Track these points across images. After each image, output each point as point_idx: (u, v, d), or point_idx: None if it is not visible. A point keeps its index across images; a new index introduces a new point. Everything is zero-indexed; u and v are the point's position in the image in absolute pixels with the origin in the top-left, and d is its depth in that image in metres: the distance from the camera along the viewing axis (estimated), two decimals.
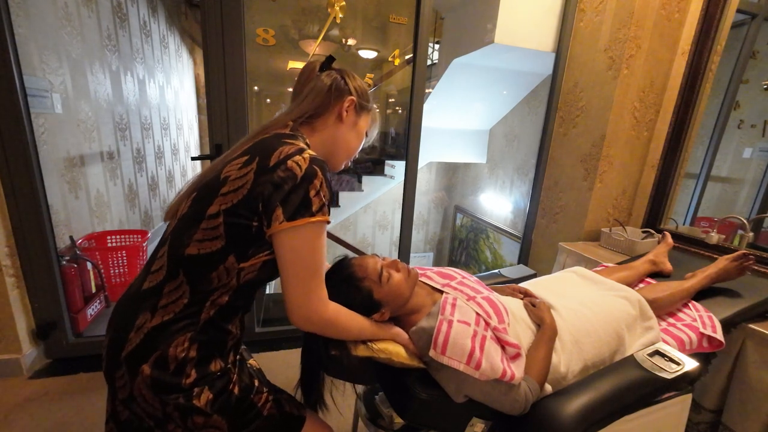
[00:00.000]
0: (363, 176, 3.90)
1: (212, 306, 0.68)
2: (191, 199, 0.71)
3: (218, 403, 0.68)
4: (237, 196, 0.65)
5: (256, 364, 0.87)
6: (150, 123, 3.34)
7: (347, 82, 0.82)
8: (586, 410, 0.78)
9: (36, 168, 1.51)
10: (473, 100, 3.53)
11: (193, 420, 0.66)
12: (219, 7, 1.51)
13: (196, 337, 0.66)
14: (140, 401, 0.65)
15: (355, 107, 0.83)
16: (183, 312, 0.66)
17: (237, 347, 0.77)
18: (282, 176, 0.65)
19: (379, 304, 0.84)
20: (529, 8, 2.08)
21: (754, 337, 1.16)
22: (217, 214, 0.66)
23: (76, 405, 1.47)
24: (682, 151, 1.79)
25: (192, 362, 0.66)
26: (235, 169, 0.68)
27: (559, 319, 0.96)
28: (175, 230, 0.70)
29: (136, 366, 0.64)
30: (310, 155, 0.69)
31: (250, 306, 0.78)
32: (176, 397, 0.65)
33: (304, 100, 0.80)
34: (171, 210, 0.75)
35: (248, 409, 0.72)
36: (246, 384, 0.74)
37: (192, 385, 0.66)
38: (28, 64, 1.74)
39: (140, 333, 0.65)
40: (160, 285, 0.67)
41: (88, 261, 2.03)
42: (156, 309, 0.66)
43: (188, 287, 0.66)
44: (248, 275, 0.70)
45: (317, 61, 0.83)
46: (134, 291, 0.71)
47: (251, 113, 1.71)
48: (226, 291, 0.69)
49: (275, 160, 0.66)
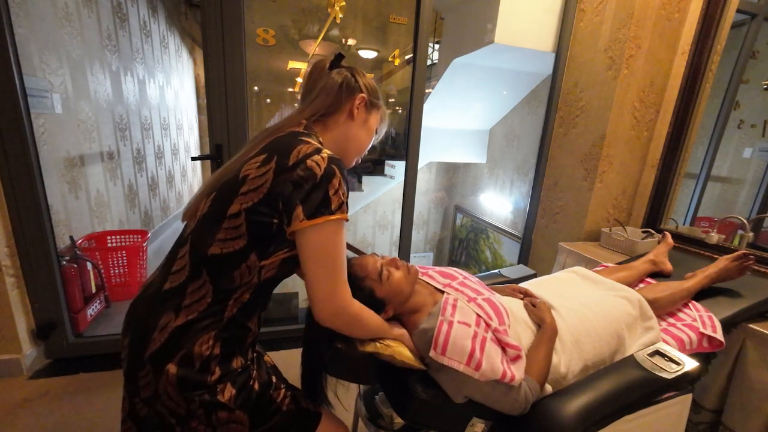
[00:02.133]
0: (363, 176, 3.90)
1: (235, 304, 0.69)
2: (211, 199, 0.71)
3: (240, 398, 0.69)
4: (257, 195, 0.66)
5: (271, 361, 0.88)
6: (150, 123, 3.34)
7: (357, 79, 0.82)
8: (586, 410, 0.78)
9: (36, 168, 1.51)
10: (473, 100, 3.53)
11: (217, 415, 0.68)
12: (219, 7, 1.51)
13: (219, 334, 0.68)
14: (165, 399, 0.66)
15: (366, 104, 0.83)
16: (207, 311, 0.67)
17: (255, 344, 0.78)
18: (302, 175, 0.66)
19: (381, 302, 0.85)
20: (529, 8, 2.08)
21: (754, 337, 1.16)
22: (238, 213, 0.66)
23: (76, 405, 1.47)
24: (682, 151, 1.79)
25: (216, 359, 0.67)
26: (253, 168, 0.68)
27: (559, 319, 0.96)
28: (196, 231, 0.70)
29: (161, 365, 0.65)
30: (329, 155, 0.69)
31: (268, 303, 0.79)
32: (201, 393, 0.66)
33: (316, 98, 0.80)
34: (190, 210, 0.75)
35: (268, 405, 0.73)
36: (265, 380, 0.75)
37: (216, 381, 0.67)
38: (28, 64, 1.74)
39: (164, 333, 0.66)
40: (183, 285, 0.68)
41: (88, 261, 2.03)
42: (180, 309, 0.67)
43: (212, 286, 0.67)
44: (268, 273, 0.71)
45: (327, 59, 0.83)
46: (153, 291, 0.71)
47: (251, 113, 1.71)
48: (247, 289, 0.70)
49: (294, 159, 0.67)
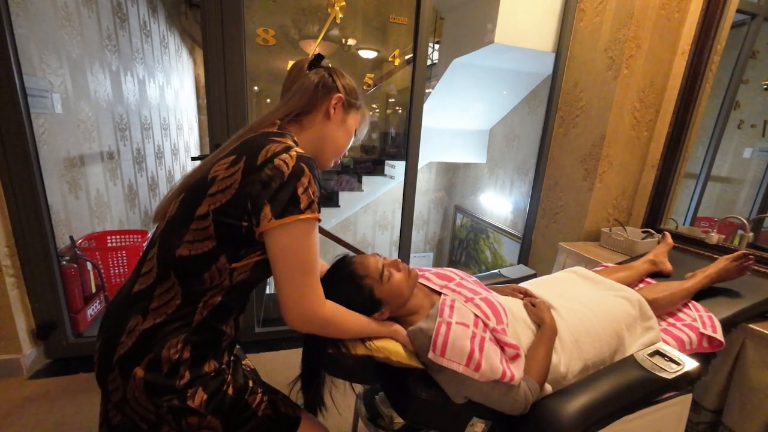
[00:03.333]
0: (363, 176, 3.90)
1: (205, 307, 0.67)
2: (180, 200, 0.70)
3: (213, 403, 0.68)
4: (225, 196, 0.65)
5: (251, 365, 0.87)
6: (150, 123, 3.34)
7: (335, 79, 0.82)
8: (586, 410, 0.78)
9: (36, 168, 1.51)
10: (473, 100, 3.53)
11: (187, 421, 0.66)
12: (219, 7, 1.51)
13: (189, 338, 0.66)
14: (133, 404, 0.65)
15: (343, 104, 0.83)
16: (176, 313, 0.66)
17: (231, 348, 0.76)
18: (269, 174, 0.64)
19: (379, 302, 0.84)
20: (529, 8, 2.08)
21: (754, 337, 1.16)
22: (206, 214, 0.65)
23: (76, 405, 1.47)
24: (682, 151, 1.79)
25: (186, 363, 0.66)
26: (222, 168, 0.67)
27: (559, 319, 0.96)
28: (165, 232, 0.69)
29: (128, 369, 0.64)
30: (297, 152, 0.68)
31: (244, 306, 0.78)
32: (170, 398, 0.65)
33: (292, 98, 0.79)
34: (160, 211, 0.75)
35: (243, 410, 0.72)
36: (240, 384, 0.74)
37: (186, 386, 0.65)
38: (28, 64, 1.73)
39: (132, 336, 0.65)
40: (151, 287, 0.67)
41: (88, 261, 2.03)
42: (147, 312, 0.66)
43: (180, 288, 0.66)
44: (241, 275, 0.69)
45: (306, 60, 0.83)
46: (125, 294, 0.70)
47: (251, 113, 1.71)
48: (218, 291, 0.68)
49: (262, 159, 0.66)
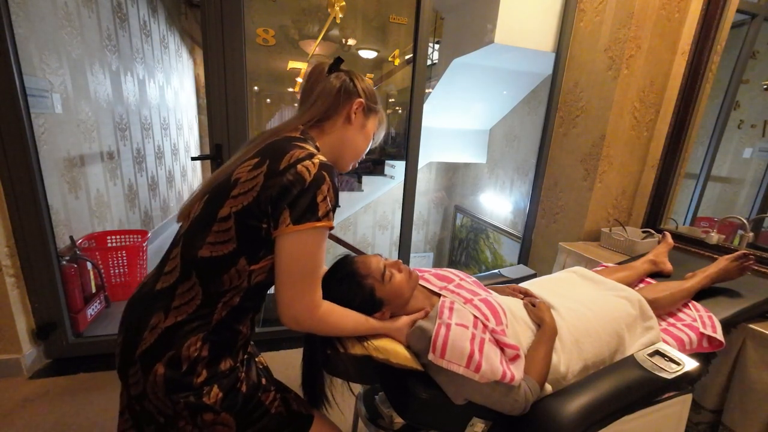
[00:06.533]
0: (363, 176, 3.90)
1: (224, 307, 0.69)
2: (204, 201, 0.71)
3: (227, 400, 0.69)
4: (247, 198, 0.66)
5: (264, 362, 0.87)
6: (150, 123, 3.34)
7: (356, 83, 0.82)
8: (586, 410, 0.78)
9: (36, 168, 1.51)
10: (473, 100, 3.53)
11: (202, 417, 0.68)
12: (219, 7, 1.51)
13: (208, 337, 0.68)
14: (152, 398, 0.67)
15: (364, 109, 0.83)
16: (196, 313, 0.67)
17: (246, 346, 0.78)
18: (291, 180, 0.65)
19: (380, 302, 0.85)
20: (529, 8, 2.08)
21: (754, 337, 1.16)
22: (228, 216, 0.66)
23: (76, 405, 1.47)
24: (682, 151, 1.79)
25: (203, 361, 0.67)
26: (245, 171, 0.68)
27: (559, 319, 0.96)
28: (188, 232, 0.71)
29: (150, 364, 0.66)
30: (320, 160, 0.69)
31: (261, 306, 0.79)
32: (186, 395, 0.66)
33: (314, 103, 0.80)
34: (184, 211, 0.76)
35: (256, 407, 0.73)
36: (254, 382, 0.75)
37: (203, 383, 0.67)
38: (28, 64, 1.74)
39: (154, 333, 0.66)
40: (173, 286, 0.68)
41: (88, 261, 2.03)
42: (169, 309, 0.67)
43: (201, 288, 0.67)
44: (258, 277, 0.71)
45: (326, 63, 0.83)
46: (147, 291, 0.71)
47: (251, 113, 1.71)
48: (237, 292, 0.69)
49: (285, 164, 0.67)
